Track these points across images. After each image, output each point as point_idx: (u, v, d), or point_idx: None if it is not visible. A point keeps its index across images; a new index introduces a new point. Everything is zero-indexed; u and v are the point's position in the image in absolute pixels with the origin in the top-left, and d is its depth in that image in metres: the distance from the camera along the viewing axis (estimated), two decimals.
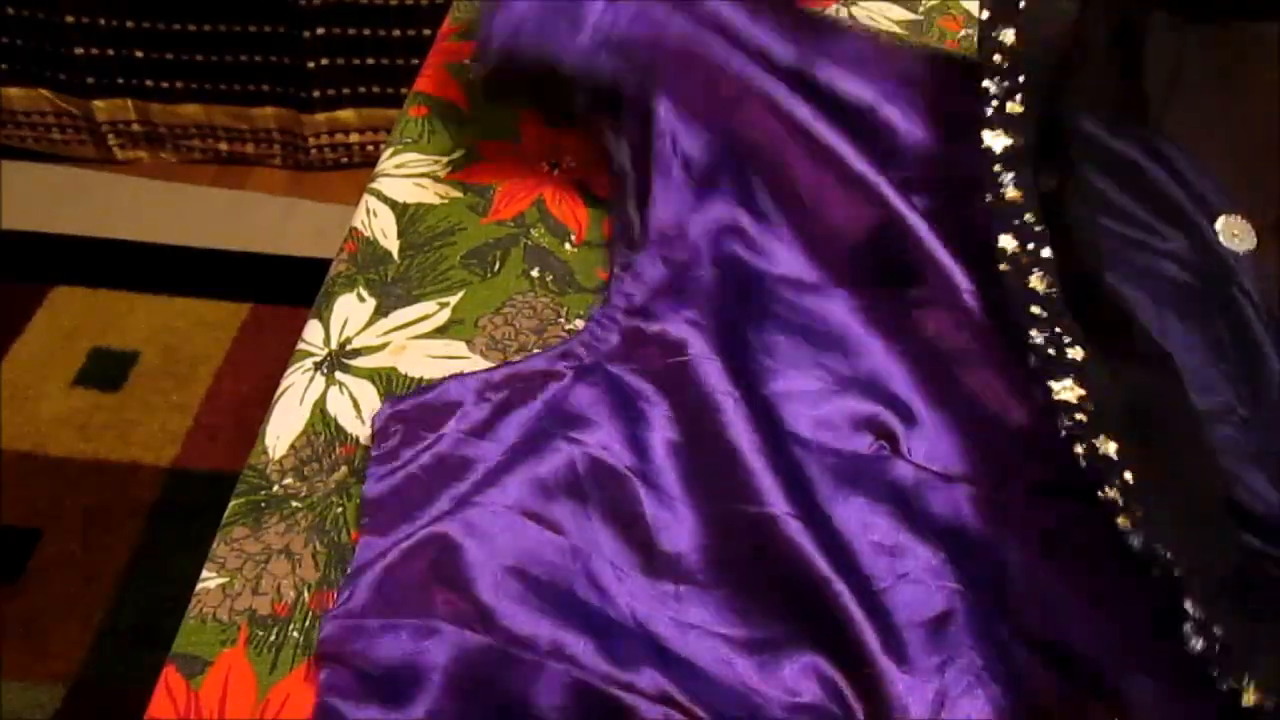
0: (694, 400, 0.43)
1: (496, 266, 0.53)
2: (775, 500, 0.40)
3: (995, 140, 0.42)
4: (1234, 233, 0.47)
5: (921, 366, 0.46)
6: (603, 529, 0.41)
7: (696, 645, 0.38)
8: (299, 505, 0.44)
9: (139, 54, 1.47)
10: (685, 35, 0.50)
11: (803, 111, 0.49)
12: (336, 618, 0.38)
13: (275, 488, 0.44)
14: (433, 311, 0.51)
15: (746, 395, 0.43)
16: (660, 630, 0.38)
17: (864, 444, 0.44)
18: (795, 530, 0.39)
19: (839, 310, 0.48)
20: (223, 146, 1.57)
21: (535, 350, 0.49)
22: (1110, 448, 0.34)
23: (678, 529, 0.41)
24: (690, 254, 0.49)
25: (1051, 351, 0.37)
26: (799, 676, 0.37)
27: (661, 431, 0.43)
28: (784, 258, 0.50)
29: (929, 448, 0.44)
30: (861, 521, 0.41)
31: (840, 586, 0.38)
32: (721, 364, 0.44)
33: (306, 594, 0.41)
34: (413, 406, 0.43)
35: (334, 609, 0.38)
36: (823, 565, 0.38)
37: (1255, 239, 0.46)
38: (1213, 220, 0.48)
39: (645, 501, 0.41)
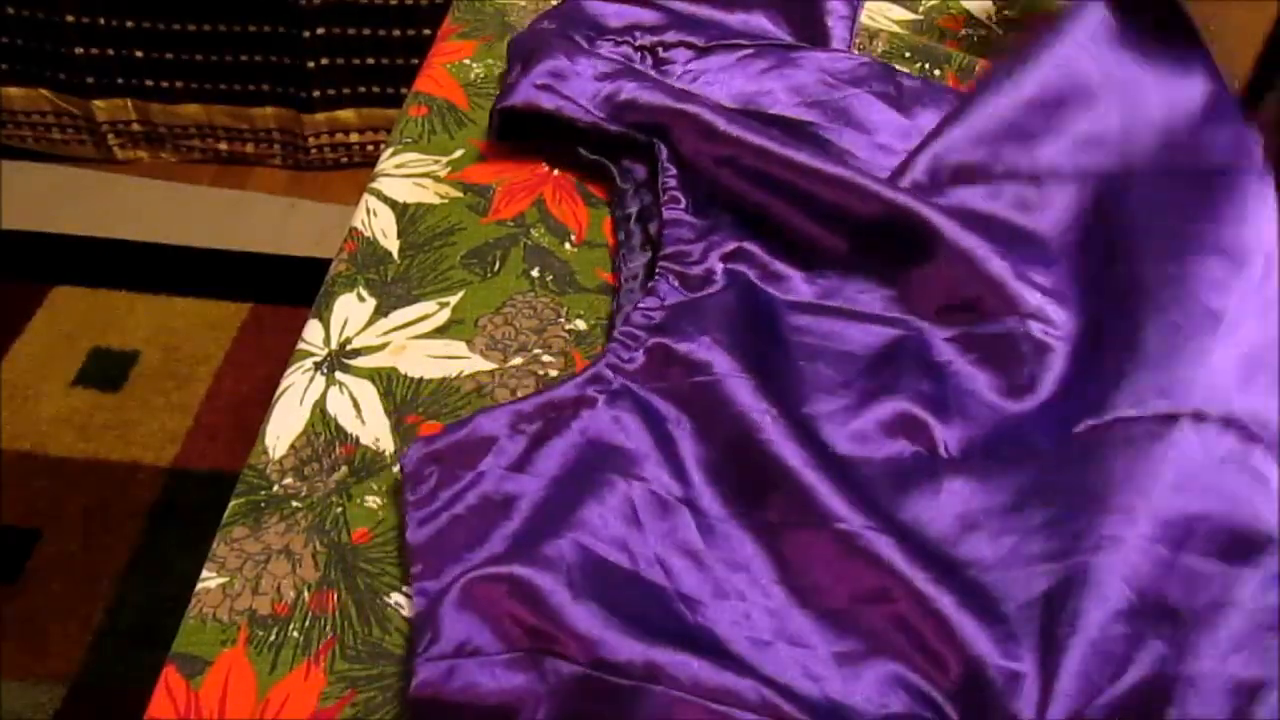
0: (727, 420, 0.43)
1: (496, 266, 0.53)
2: (847, 515, 0.39)
3: None
4: None
5: (954, 349, 0.46)
6: (666, 560, 0.40)
7: (781, 662, 0.38)
8: (299, 505, 0.44)
9: (139, 54, 1.47)
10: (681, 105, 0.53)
11: (777, 144, 0.50)
12: (430, 660, 0.37)
13: (275, 488, 0.44)
14: (433, 311, 0.51)
15: (783, 413, 0.42)
16: (742, 650, 0.38)
17: (900, 448, 0.44)
18: (884, 545, 0.38)
19: (856, 331, 0.48)
20: (223, 146, 1.57)
21: (536, 350, 0.49)
22: None
23: (735, 552, 0.40)
24: (705, 273, 0.49)
25: None
26: (883, 686, 0.37)
27: (693, 454, 0.43)
28: (794, 279, 0.50)
29: (960, 434, 0.44)
30: (927, 522, 0.41)
31: (929, 588, 0.37)
32: (751, 382, 0.43)
33: (306, 594, 0.41)
34: (446, 446, 0.42)
35: (421, 651, 0.37)
36: (907, 568, 0.38)
37: None
38: None
39: (696, 528, 0.41)
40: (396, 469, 0.44)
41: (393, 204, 0.56)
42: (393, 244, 0.54)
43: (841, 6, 0.64)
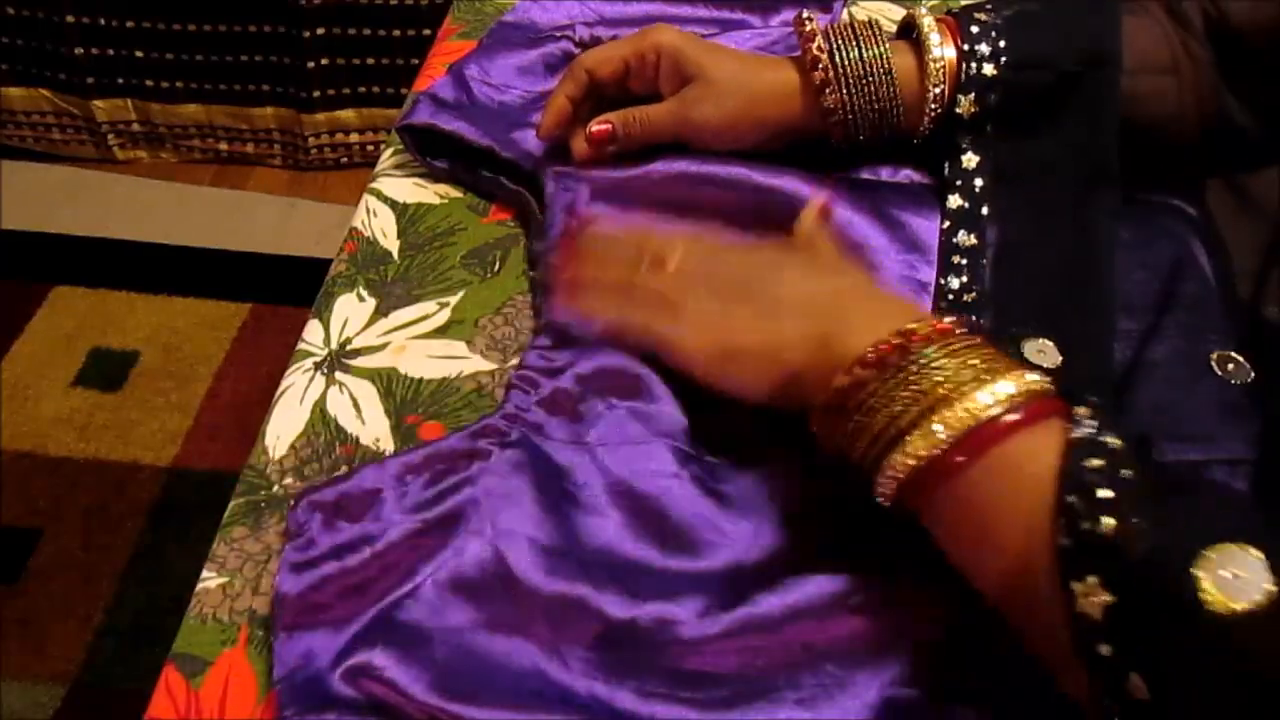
0: (630, 475, 0.42)
1: (496, 266, 0.53)
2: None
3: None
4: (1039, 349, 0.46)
5: None
6: (536, 624, 0.39)
7: (664, 713, 0.37)
8: None
9: (139, 54, 1.47)
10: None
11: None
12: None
13: (275, 488, 0.44)
14: (433, 311, 0.51)
15: (693, 471, 0.42)
16: (625, 704, 0.37)
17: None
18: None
19: None
20: (223, 146, 1.57)
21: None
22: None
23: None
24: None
25: None
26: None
27: (595, 512, 0.41)
28: None
29: None
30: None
31: None
32: (668, 441, 0.42)
33: None
34: (332, 496, 0.41)
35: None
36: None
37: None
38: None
39: (576, 584, 0.39)
40: None
41: (393, 204, 0.56)
42: (393, 244, 0.54)
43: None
